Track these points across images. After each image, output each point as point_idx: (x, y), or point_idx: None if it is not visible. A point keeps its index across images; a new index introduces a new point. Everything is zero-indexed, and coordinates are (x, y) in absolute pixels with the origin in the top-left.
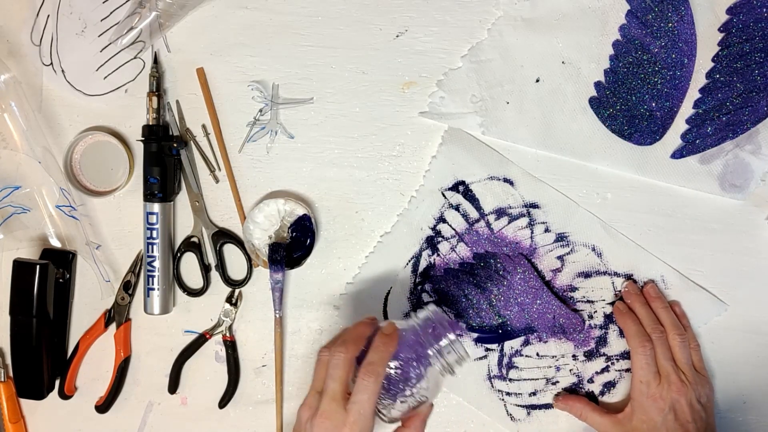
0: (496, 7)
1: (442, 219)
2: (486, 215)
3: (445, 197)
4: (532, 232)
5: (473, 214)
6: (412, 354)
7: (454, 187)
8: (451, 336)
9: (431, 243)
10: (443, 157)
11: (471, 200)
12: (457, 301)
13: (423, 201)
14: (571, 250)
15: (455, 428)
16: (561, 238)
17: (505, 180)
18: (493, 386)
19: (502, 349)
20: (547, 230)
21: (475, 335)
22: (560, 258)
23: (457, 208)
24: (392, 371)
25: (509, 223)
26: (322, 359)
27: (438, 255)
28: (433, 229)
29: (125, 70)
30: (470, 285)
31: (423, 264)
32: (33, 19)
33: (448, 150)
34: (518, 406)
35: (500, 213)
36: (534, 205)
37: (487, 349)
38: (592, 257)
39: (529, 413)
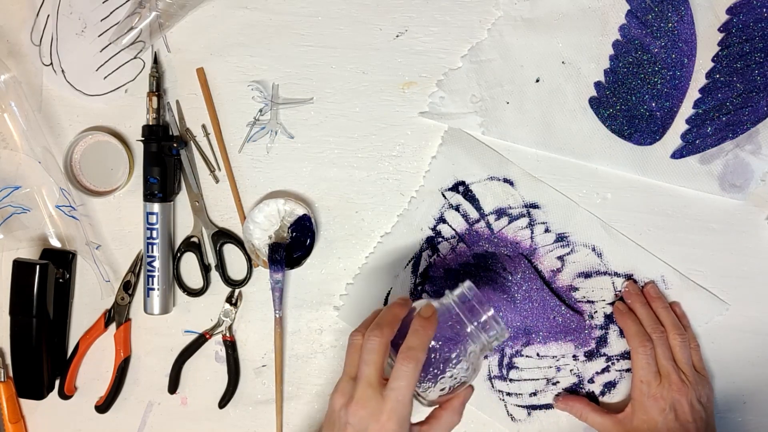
0: (496, 7)
1: (442, 219)
2: (486, 215)
3: (445, 197)
4: (532, 233)
5: (473, 214)
6: (449, 334)
7: (454, 188)
8: (490, 312)
9: (431, 243)
10: (443, 158)
11: (471, 200)
12: None
13: (423, 201)
14: (572, 251)
15: (455, 428)
16: (561, 238)
17: (505, 180)
18: (493, 386)
19: (502, 350)
20: (547, 230)
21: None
22: (560, 258)
23: (457, 208)
24: (431, 353)
25: (509, 223)
26: (354, 343)
27: (438, 255)
28: (433, 229)
29: (125, 70)
30: None
31: (423, 264)
32: (33, 19)
33: (448, 150)
34: (519, 406)
35: (500, 213)
36: (534, 206)
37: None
38: (592, 257)
39: (529, 413)
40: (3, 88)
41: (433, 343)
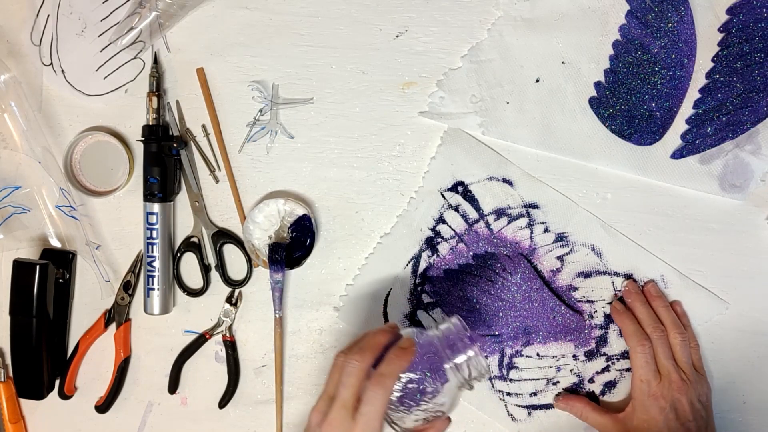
0: (496, 7)
1: (441, 220)
2: (485, 216)
3: (445, 198)
4: (531, 233)
5: (472, 214)
6: (429, 367)
7: (454, 188)
8: (471, 352)
9: (431, 244)
10: (442, 158)
11: (470, 201)
12: (456, 303)
13: (422, 202)
14: (571, 250)
15: (455, 428)
16: (560, 238)
17: (505, 180)
18: (493, 387)
19: (502, 350)
20: (546, 230)
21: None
22: (560, 258)
23: (456, 208)
24: (408, 384)
25: (509, 223)
26: (337, 364)
27: (438, 256)
28: (433, 230)
29: (125, 70)
30: (470, 286)
31: (423, 265)
32: (33, 19)
33: (446, 151)
34: (519, 406)
35: (499, 213)
36: (533, 206)
37: (487, 350)
38: (591, 257)
39: (530, 413)
40: (3, 88)
41: (411, 374)
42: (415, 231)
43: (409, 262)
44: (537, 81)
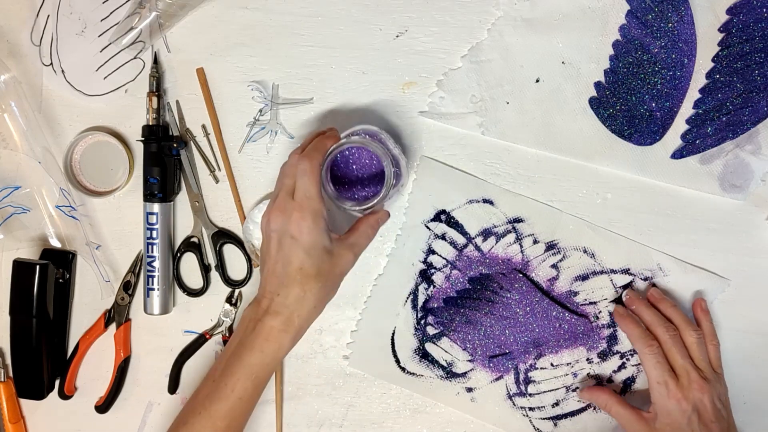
0: (496, 7)
1: (431, 251)
2: (473, 239)
3: (430, 229)
4: (521, 246)
5: (460, 240)
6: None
7: (437, 218)
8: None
9: (425, 276)
10: (419, 191)
11: (455, 227)
12: (461, 328)
13: (409, 237)
14: (564, 256)
15: (455, 428)
16: (551, 246)
17: (485, 201)
18: (515, 404)
19: (516, 367)
20: (535, 241)
21: (488, 358)
22: (554, 266)
23: (443, 237)
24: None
25: (497, 241)
26: (291, 163)
27: (434, 287)
28: (424, 262)
29: (125, 70)
30: (471, 310)
31: (422, 298)
32: (33, 19)
33: (423, 183)
34: (544, 419)
35: (486, 234)
36: (518, 220)
37: (501, 370)
38: (585, 259)
39: (556, 424)
40: (3, 88)
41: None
42: (407, 267)
43: (407, 298)
44: (537, 81)
